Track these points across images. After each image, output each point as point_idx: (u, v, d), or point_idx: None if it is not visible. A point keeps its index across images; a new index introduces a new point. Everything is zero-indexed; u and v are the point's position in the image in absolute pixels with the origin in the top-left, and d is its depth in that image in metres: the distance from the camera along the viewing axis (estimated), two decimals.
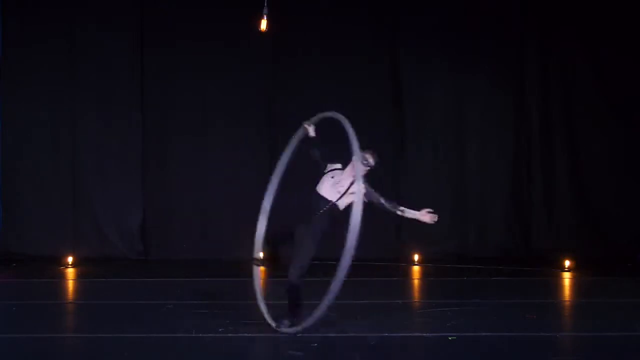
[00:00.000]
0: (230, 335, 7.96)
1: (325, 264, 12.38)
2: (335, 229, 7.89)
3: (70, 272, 11.99)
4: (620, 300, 9.80)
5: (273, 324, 7.93)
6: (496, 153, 13.33)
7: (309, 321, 7.66)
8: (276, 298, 8.34)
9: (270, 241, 8.27)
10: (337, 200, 7.82)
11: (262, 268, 8.41)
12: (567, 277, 11.67)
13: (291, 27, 12.73)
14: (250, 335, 8.04)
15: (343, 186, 7.83)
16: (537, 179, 13.28)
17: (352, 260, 7.47)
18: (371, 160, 7.85)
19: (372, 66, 13.14)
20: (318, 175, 8.02)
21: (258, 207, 13.05)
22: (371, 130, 13.15)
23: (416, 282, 11.77)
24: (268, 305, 8.16)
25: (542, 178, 13.27)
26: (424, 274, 12.08)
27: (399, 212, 7.94)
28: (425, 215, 7.90)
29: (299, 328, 7.74)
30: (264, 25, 11.55)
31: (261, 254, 8.32)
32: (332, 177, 7.90)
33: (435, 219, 7.89)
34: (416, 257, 12.63)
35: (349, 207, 7.71)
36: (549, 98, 13.27)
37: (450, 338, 7.84)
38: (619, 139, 13.07)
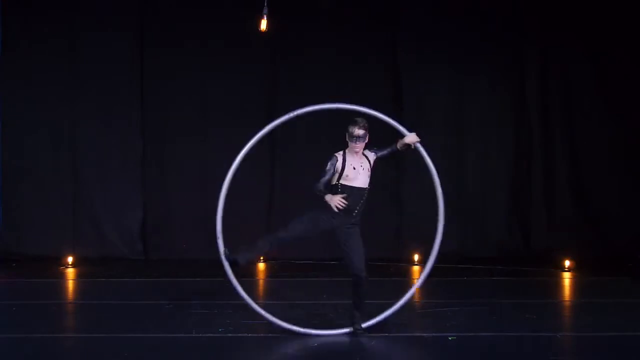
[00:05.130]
0: (230, 335, 7.96)
1: (318, 264, 12.42)
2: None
3: (70, 272, 11.99)
4: (620, 300, 9.80)
5: (348, 329, 7.97)
6: (496, 153, 13.34)
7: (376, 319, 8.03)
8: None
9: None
10: (369, 184, 8.02)
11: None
12: (567, 277, 11.67)
13: (291, 27, 12.73)
14: (250, 335, 8.04)
15: (365, 167, 8.02)
16: (537, 178, 13.28)
17: None
18: (357, 131, 7.99)
19: (372, 66, 13.14)
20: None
21: (258, 207, 13.22)
22: (371, 130, 13.16)
23: (416, 282, 11.74)
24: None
25: (542, 178, 13.28)
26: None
27: (398, 147, 8.21)
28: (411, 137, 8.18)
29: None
30: (264, 25, 11.55)
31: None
32: (355, 168, 7.94)
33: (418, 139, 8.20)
34: (416, 257, 12.63)
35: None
36: (549, 98, 13.28)
37: (450, 338, 7.85)
38: (619, 138, 13.07)
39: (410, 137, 8.17)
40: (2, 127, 12.76)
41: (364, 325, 7.97)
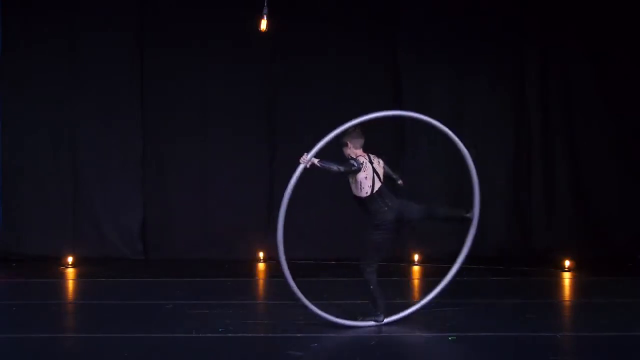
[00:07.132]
0: (230, 335, 7.96)
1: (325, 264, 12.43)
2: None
3: (70, 272, 12.00)
4: (620, 300, 9.81)
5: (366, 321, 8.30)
6: (496, 153, 13.32)
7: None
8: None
9: None
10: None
11: None
12: (567, 277, 11.67)
13: (291, 27, 12.72)
14: (250, 335, 8.05)
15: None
16: (537, 179, 13.27)
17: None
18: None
19: (372, 66, 13.13)
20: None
21: (257, 207, 13.20)
22: (371, 130, 13.15)
23: (416, 282, 11.77)
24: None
25: (542, 178, 13.26)
26: (424, 274, 12.08)
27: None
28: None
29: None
30: (264, 25, 11.55)
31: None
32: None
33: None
34: (416, 257, 12.63)
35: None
36: (549, 98, 13.27)
37: (450, 338, 7.85)
38: (618, 139, 13.07)
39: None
40: (2, 127, 12.77)
41: (385, 319, 8.33)
